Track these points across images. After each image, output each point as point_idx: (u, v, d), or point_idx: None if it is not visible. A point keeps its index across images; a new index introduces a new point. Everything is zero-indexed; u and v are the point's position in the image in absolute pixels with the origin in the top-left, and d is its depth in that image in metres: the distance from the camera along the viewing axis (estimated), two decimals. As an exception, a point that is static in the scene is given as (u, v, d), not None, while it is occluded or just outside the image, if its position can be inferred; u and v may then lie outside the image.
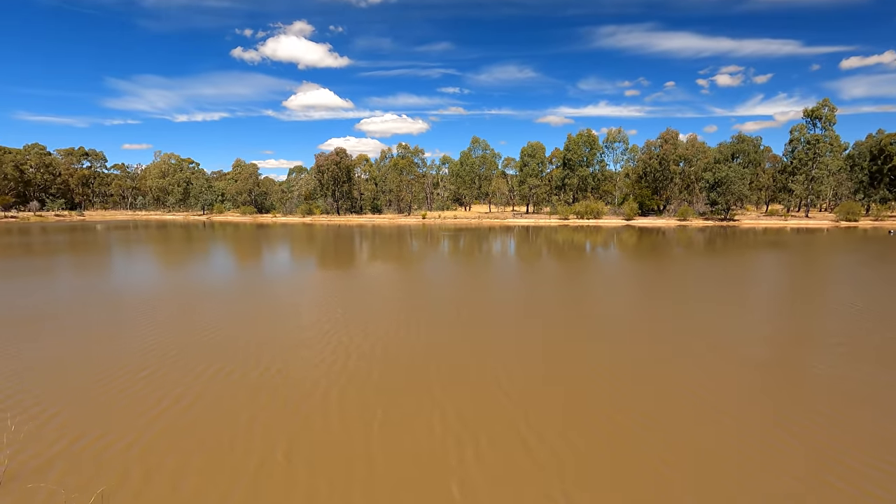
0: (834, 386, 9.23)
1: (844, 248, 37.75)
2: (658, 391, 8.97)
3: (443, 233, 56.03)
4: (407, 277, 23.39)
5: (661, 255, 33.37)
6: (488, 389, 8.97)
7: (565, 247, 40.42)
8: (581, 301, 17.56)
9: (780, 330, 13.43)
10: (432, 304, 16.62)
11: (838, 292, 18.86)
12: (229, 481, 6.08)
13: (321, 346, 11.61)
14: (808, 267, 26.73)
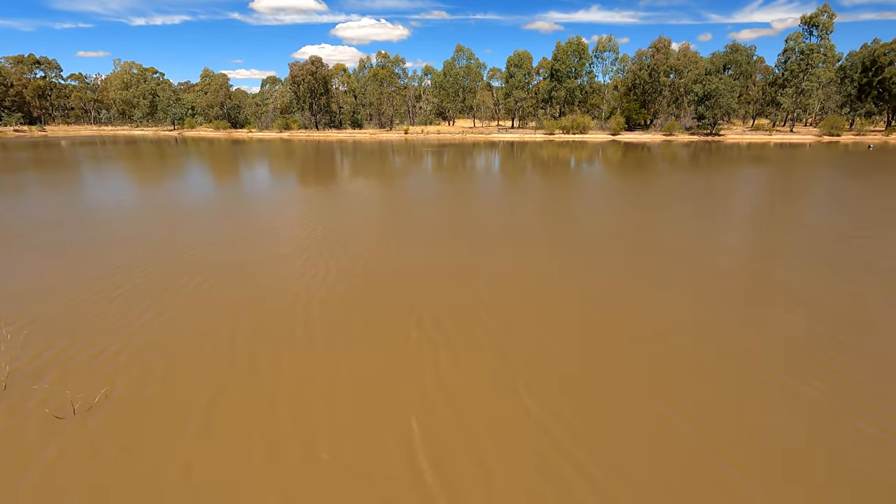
0: (783, 289, 9.90)
1: (822, 163, 38.21)
2: (626, 300, 9.53)
3: (426, 149, 54.77)
4: (389, 195, 23.26)
5: (643, 171, 33.46)
6: (467, 301, 9.39)
7: (550, 163, 40.10)
8: (561, 218, 17.86)
9: (746, 242, 14.03)
10: (415, 222, 16.75)
11: (805, 208, 19.47)
12: (215, 389, 6.48)
13: (301, 262, 11.81)
14: (784, 183, 27.22)
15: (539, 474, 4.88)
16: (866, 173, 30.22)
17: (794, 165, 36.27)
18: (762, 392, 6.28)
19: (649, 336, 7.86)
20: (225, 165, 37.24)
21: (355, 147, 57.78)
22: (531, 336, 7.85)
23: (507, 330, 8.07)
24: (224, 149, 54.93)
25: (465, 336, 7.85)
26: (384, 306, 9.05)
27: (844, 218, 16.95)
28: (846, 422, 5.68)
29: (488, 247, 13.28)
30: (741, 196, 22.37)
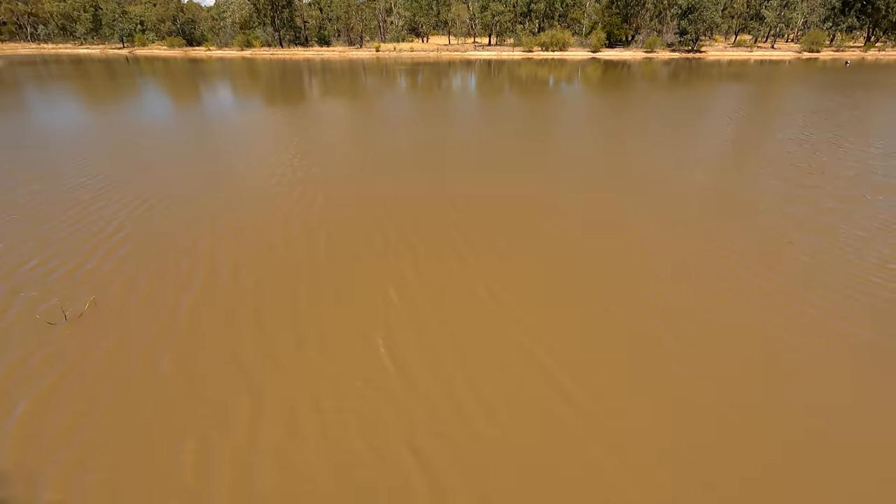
0: (750, 197, 10.27)
1: (799, 80, 38.05)
2: (593, 211, 9.73)
3: (399, 68, 52.07)
4: (362, 116, 22.37)
5: (622, 89, 32.82)
6: (435, 218, 9.43)
7: (528, 83, 38.81)
8: (537, 137, 17.63)
9: (718, 157, 14.25)
10: (387, 144, 16.31)
11: (776, 124, 19.67)
12: (177, 295, 6.54)
13: (265, 178, 11.52)
14: (759, 100, 27.19)
15: (505, 357, 5.22)
16: (838, 91, 30.35)
17: (770, 83, 36.05)
18: (735, 293, 6.69)
19: (621, 242, 8.14)
20: (184, 85, 34.81)
21: (324, 66, 54.44)
22: (502, 248, 8.02)
23: (472, 243, 8.22)
24: (181, 68, 51.04)
25: (432, 248, 7.97)
26: (351, 219, 9.04)
27: (811, 135, 17.24)
28: (794, 307, 6.16)
29: (461, 167, 13.15)
30: (716, 116, 22.34)
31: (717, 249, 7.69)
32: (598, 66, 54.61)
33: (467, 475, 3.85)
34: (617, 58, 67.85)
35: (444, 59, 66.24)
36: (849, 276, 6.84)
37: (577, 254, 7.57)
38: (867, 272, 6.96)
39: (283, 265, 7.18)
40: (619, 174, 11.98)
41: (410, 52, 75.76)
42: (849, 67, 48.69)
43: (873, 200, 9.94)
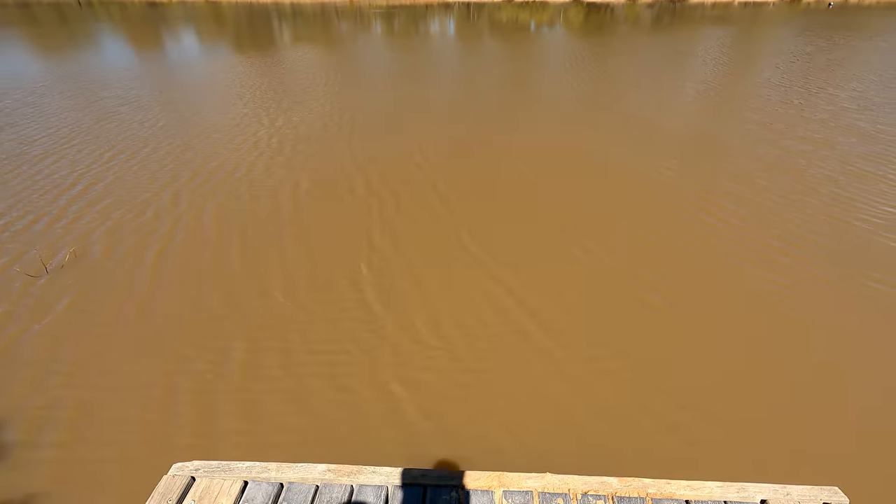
0: (723, 140, 10.43)
1: (782, 22, 37.61)
2: (563, 157, 9.77)
3: (374, 12, 49.60)
4: (336, 64, 21.48)
5: (605, 35, 32.05)
6: (404, 164, 9.37)
7: (508, 28, 37.50)
8: (518, 87, 17.28)
9: (696, 103, 14.27)
10: (363, 91, 15.82)
11: (755, 69, 19.62)
12: (161, 245, 6.51)
13: (240, 129, 11.16)
14: (741, 44, 26.91)
15: (474, 296, 5.42)
16: (818, 34, 30.17)
17: (753, 27, 35.56)
18: (704, 231, 6.93)
19: (593, 182, 8.26)
20: (145, 32, 32.65)
21: (294, 10, 51.48)
22: (472, 191, 8.08)
23: (448, 185, 8.25)
24: (140, 13, 47.68)
25: (408, 190, 7.98)
26: (327, 166, 8.93)
27: (793, 77, 17.29)
28: (758, 242, 6.46)
29: (441, 112, 12.92)
30: (697, 62, 22.11)
31: (688, 191, 7.89)
32: (581, 9, 52.89)
33: (452, 397, 4.11)
34: (599, 0, 65.67)
35: (422, 2, 63.20)
36: (812, 215, 7.13)
37: (549, 189, 7.68)
38: (831, 211, 7.26)
39: (265, 214, 7.14)
40: (598, 121, 11.94)
41: (385, -5, 71.94)
42: (832, 9, 48.19)
43: (844, 143, 10.19)
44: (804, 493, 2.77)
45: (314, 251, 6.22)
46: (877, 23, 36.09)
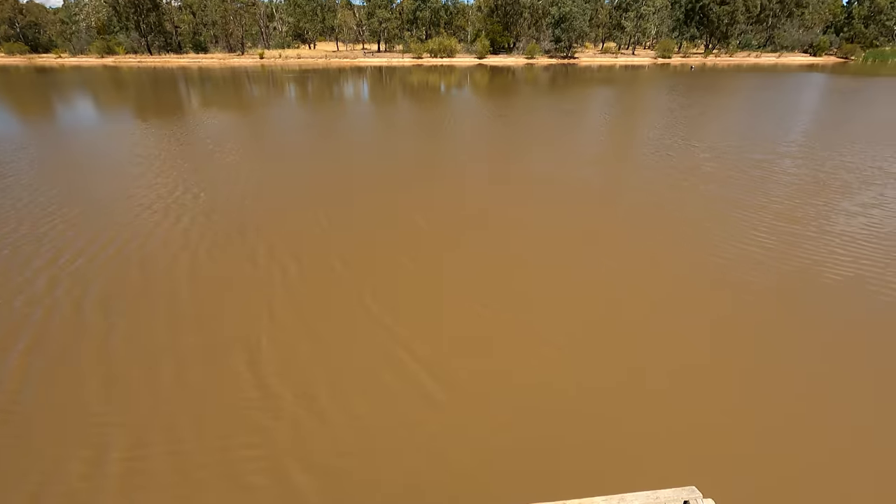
0: (608, 193, 11.66)
1: (655, 83, 43.21)
2: (468, 213, 10.41)
3: (287, 76, 50.29)
4: (242, 130, 21.40)
5: (510, 94, 34.86)
6: (309, 228, 9.51)
7: (420, 89, 39.64)
8: (426, 145, 18.21)
9: (592, 157, 15.88)
10: (270, 159, 15.88)
11: (635, 123, 22.30)
12: (34, 340, 6.02)
13: (134, 201, 10.73)
14: (624, 102, 30.52)
15: (377, 364, 5.53)
16: (686, 90, 35.05)
17: (633, 86, 40.55)
18: (580, 272, 7.59)
19: (494, 236, 8.83)
20: (33, 97, 30.51)
21: (203, 75, 50.86)
22: (376, 249, 8.33)
23: (341, 256, 8.45)
24: (27, 79, 44.62)
25: (311, 255, 8.07)
26: (230, 234, 8.80)
27: (673, 126, 19.84)
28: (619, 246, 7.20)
29: (349, 173, 13.26)
30: (590, 116, 24.67)
31: (576, 235, 8.66)
32: (486, 72, 57.29)
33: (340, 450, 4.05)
34: (501, 63, 71.64)
35: (334, 66, 65.17)
36: (678, 256, 8.11)
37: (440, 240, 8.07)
38: (695, 251, 8.30)
39: (156, 293, 6.78)
40: (508, 176, 12.83)
41: (297, 59, 73.42)
42: (693, 72, 56.17)
43: (700, 187, 11.76)
44: (669, 495, 3.24)
45: (210, 328, 5.98)
46: (727, 83, 42.64)
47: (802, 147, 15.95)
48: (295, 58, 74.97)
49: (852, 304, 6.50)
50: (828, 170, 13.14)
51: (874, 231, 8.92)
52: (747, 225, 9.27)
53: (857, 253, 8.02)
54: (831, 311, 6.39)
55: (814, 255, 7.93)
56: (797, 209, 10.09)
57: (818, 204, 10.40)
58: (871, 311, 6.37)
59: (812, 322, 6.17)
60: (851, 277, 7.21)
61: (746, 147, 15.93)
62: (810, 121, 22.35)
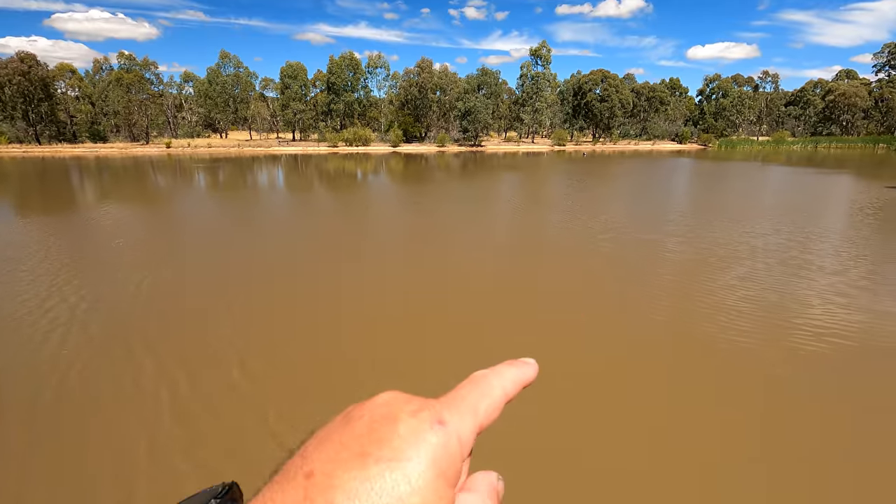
0: (537, 246, 12.21)
1: (552, 168, 47.79)
2: (380, 307, 10.32)
3: (196, 165, 48.97)
4: (143, 225, 20.10)
5: (424, 180, 36.52)
6: (205, 336, 8.86)
7: (336, 175, 40.34)
8: (340, 233, 18.20)
9: (509, 230, 16.71)
10: (171, 256, 14.92)
11: (538, 208, 24.16)
12: None
13: (6, 308, 9.36)
14: (526, 185, 33.16)
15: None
16: (580, 175, 39.03)
17: (537, 169, 44.45)
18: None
19: (410, 336, 8.69)
20: None
21: (100, 165, 47.98)
22: (283, 358, 7.86)
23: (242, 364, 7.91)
24: None
25: (207, 368, 7.39)
26: (112, 352, 7.85)
27: (576, 206, 21.63)
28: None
29: (255, 268, 12.71)
30: (498, 198, 26.34)
31: (477, 324, 8.76)
32: (400, 159, 60.03)
33: None
34: (415, 151, 75.75)
35: (248, 154, 64.83)
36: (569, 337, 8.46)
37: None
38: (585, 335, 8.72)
39: (9, 427, 5.64)
40: (418, 262, 12.94)
41: (208, 149, 72.25)
42: (585, 158, 63.17)
43: (600, 268, 12.68)
44: None
45: (73, 472, 5.00)
46: (615, 168, 48.31)
47: (683, 226, 18.03)
48: (205, 147, 73.77)
49: (738, 373, 7.03)
50: (706, 246, 14.85)
51: (755, 304, 10.01)
52: (644, 301, 9.98)
53: (739, 326, 8.86)
54: (719, 383, 6.84)
55: (704, 328, 8.63)
56: (685, 285, 11.13)
57: (703, 279, 11.57)
58: (749, 380, 6.92)
59: (698, 391, 6.53)
60: (736, 349, 7.87)
61: (638, 228, 17.69)
62: (686, 201, 25.60)
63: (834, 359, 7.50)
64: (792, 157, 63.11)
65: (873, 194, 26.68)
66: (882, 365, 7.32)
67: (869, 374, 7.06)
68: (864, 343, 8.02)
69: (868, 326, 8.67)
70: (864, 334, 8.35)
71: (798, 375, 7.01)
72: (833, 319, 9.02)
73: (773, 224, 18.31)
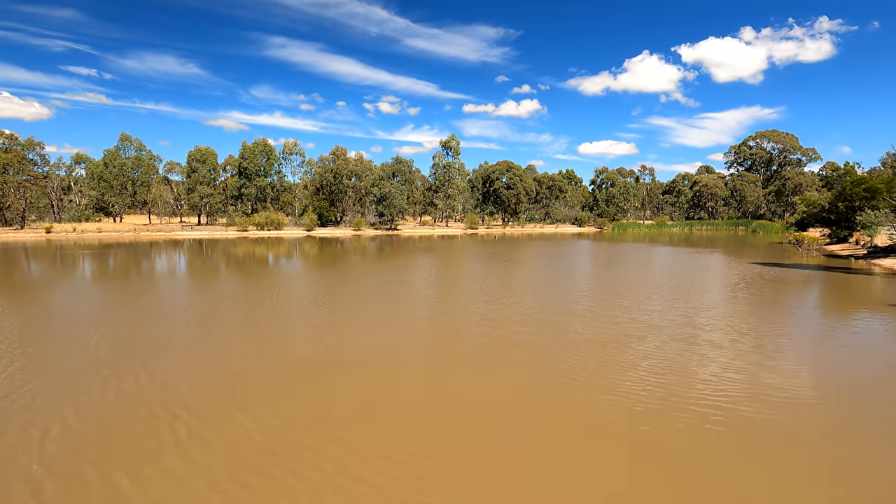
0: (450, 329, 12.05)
1: (470, 250, 49.69)
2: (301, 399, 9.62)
3: (80, 251, 44.25)
4: (21, 316, 17.35)
5: (340, 264, 35.94)
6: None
7: (245, 260, 38.44)
8: (250, 322, 17.04)
9: (428, 321, 16.59)
10: (43, 360, 12.94)
11: (455, 292, 24.67)
12: None
13: None
14: (446, 269, 33.94)
15: None
16: (500, 257, 40.91)
17: (452, 251, 45.86)
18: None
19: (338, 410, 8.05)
20: None
21: (-45, 253, 41.53)
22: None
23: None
24: None
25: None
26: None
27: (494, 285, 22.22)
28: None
29: (156, 369, 11.33)
30: (421, 283, 26.48)
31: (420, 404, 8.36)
32: (315, 243, 59.07)
33: None
34: (330, 235, 75.25)
35: (145, 239, 60.14)
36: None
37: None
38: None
39: None
40: (345, 347, 12.28)
41: (98, 234, 66.12)
42: (497, 240, 66.69)
43: (514, 354, 12.94)
44: None
45: None
46: (524, 250, 51.41)
47: (586, 307, 19.23)
48: (94, 231, 67.50)
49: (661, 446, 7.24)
50: (602, 325, 15.85)
51: (653, 384, 10.63)
52: (562, 382, 10.20)
53: (645, 405, 9.30)
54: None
55: (613, 410, 8.92)
56: (591, 366, 11.63)
57: (608, 359, 12.19)
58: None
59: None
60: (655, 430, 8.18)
61: (547, 310, 18.53)
62: (587, 281, 27.62)
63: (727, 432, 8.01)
64: (673, 238, 71.80)
65: (742, 270, 30.73)
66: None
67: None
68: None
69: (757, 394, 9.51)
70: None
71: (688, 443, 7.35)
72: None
73: (665, 301, 20.14)
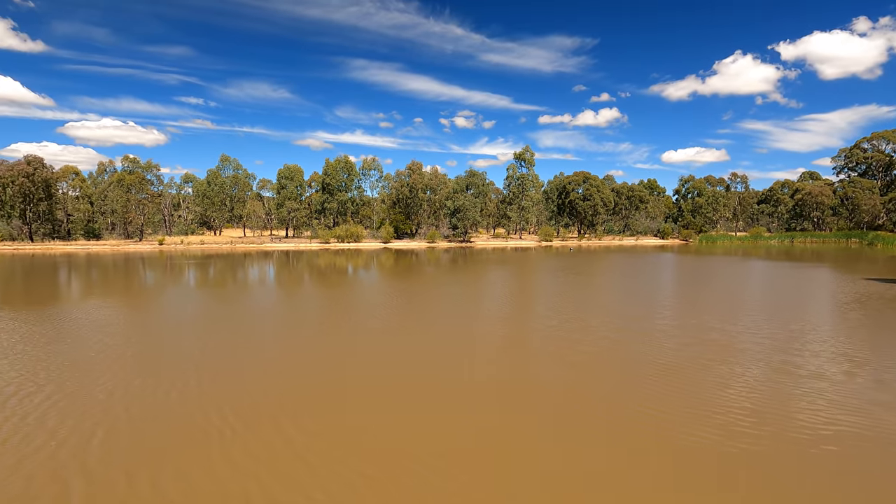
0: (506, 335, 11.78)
1: (541, 264, 48.70)
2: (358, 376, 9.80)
3: (186, 261, 49.13)
4: (129, 324, 19.56)
5: (415, 275, 36.74)
6: (202, 448, 8.23)
7: (327, 270, 40.55)
8: (327, 331, 17.81)
9: (505, 311, 16.44)
10: (152, 358, 14.38)
11: (535, 294, 24.16)
12: None
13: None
14: (518, 281, 33.47)
15: None
16: (571, 270, 39.70)
17: (526, 264, 45.21)
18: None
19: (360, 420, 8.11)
20: None
21: (90, 261, 47.91)
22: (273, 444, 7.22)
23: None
24: None
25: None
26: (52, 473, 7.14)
27: (567, 302, 21.60)
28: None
29: (246, 371, 12.17)
30: (489, 296, 26.35)
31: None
32: (391, 255, 60.98)
33: None
34: (406, 247, 77.28)
35: (240, 251, 65.52)
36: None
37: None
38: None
39: None
40: (421, 354, 12.49)
41: (201, 245, 73.14)
42: (572, 253, 64.77)
43: (597, 365, 12.34)
44: None
45: None
46: (602, 263, 49.41)
47: (672, 323, 17.97)
48: (198, 243, 74.71)
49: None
50: (686, 343, 14.69)
51: (748, 398, 9.65)
52: (631, 395, 9.57)
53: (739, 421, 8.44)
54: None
55: (706, 431, 8.18)
56: (684, 381, 10.80)
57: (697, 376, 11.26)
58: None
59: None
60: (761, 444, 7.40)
61: (632, 325, 17.58)
62: (672, 296, 25.84)
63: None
64: (771, 252, 65.26)
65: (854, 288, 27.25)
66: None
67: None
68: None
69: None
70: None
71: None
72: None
73: (781, 321, 18.34)
